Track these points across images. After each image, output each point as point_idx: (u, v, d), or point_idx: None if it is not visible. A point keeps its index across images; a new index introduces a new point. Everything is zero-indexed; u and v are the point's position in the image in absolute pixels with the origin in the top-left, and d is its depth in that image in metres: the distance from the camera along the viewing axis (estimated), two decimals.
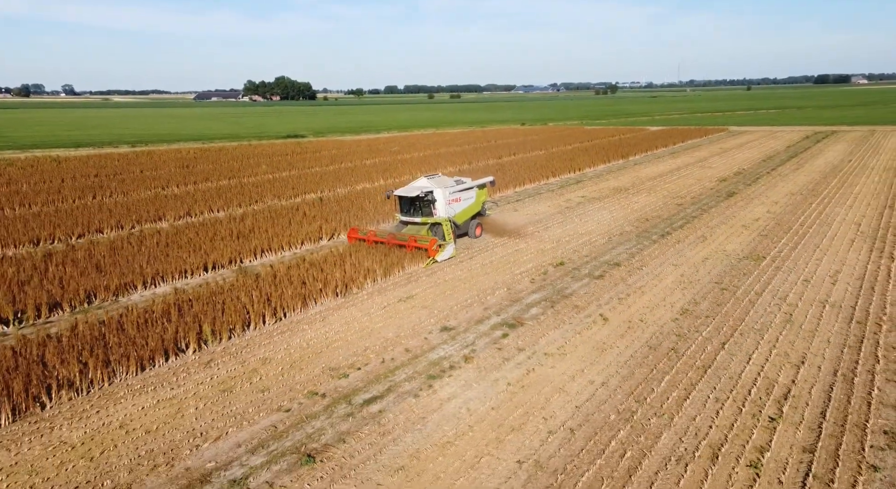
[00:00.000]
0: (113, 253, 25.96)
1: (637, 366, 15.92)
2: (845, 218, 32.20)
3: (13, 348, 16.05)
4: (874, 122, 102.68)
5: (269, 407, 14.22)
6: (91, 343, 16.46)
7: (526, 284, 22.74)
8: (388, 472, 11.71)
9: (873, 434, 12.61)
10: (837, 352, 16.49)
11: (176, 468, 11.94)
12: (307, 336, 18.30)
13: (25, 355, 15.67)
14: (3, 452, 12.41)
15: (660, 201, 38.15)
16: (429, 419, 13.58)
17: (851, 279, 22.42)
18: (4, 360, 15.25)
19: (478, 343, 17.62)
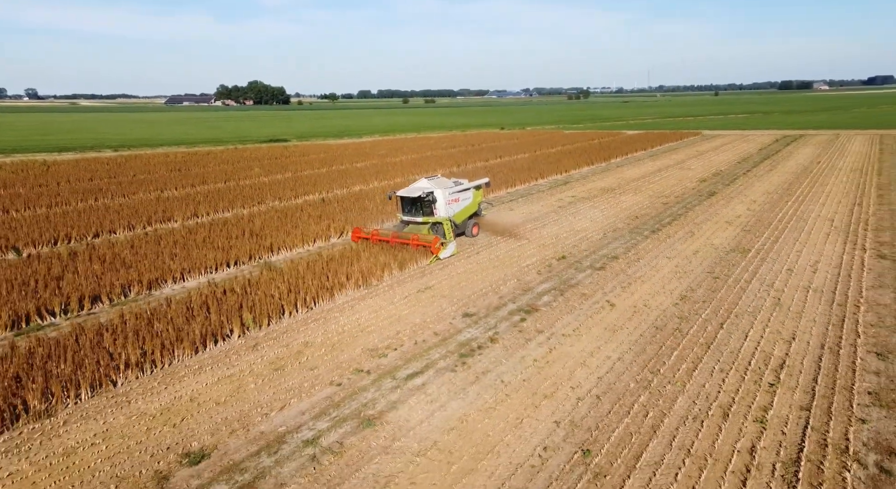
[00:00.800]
0: (134, 251, 27.02)
1: (647, 344, 17.68)
2: (819, 214, 34.53)
3: (73, 334, 17.22)
4: (838, 126, 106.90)
5: (322, 382, 15.66)
6: (143, 329, 17.68)
7: (534, 276, 24.42)
8: (442, 432, 13.25)
9: (859, 394, 14.50)
10: (823, 329, 18.44)
11: (252, 432, 13.34)
12: (340, 322, 19.73)
13: (85, 340, 16.86)
14: (92, 422, 13.68)
15: (646, 200, 40.21)
16: (469, 390, 15.15)
17: (830, 268, 24.53)
18: (70, 344, 16.43)
19: (499, 326, 19.23)
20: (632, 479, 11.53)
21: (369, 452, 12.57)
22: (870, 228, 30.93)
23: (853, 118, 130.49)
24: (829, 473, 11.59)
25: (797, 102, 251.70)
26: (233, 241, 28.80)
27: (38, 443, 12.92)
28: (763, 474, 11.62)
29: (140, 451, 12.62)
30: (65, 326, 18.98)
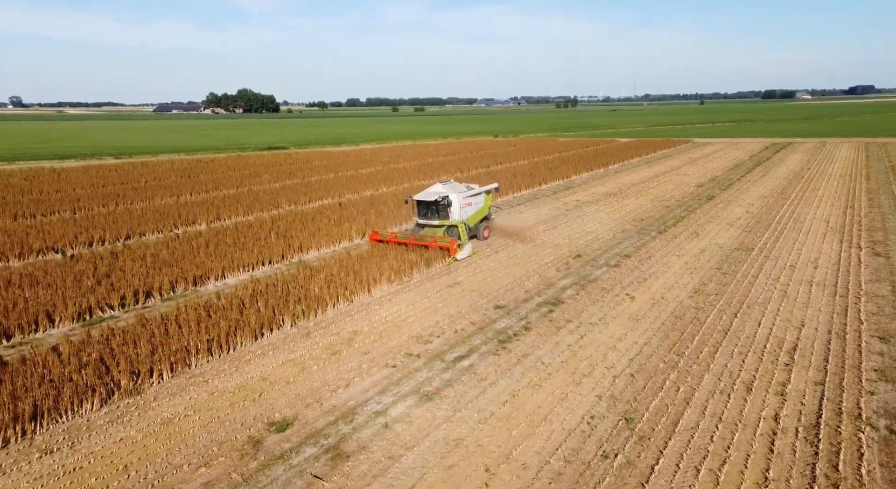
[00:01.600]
0: (171, 251, 28.31)
1: (669, 331, 19.27)
2: (815, 216, 36.42)
3: (140, 324, 18.56)
4: (823, 134, 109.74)
5: (377, 364, 17.10)
6: (203, 319, 19.04)
7: (553, 272, 25.99)
8: (496, 405, 14.74)
9: (867, 371, 16.15)
10: (829, 317, 20.13)
11: (325, 405, 14.76)
12: (381, 314, 21.18)
13: (153, 329, 18.20)
14: (178, 397, 15.06)
15: (648, 204, 41.98)
16: (514, 370, 16.66)
17: (829, 264, 26.29)
18: (140, 332, 17.78)
19: (530, 316, 20.76)
20: (673, 441, 13.06)
21: (434, 421, 14.03)
22: (863, 228, 32.80)
23: (838, 126, 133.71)
24: (846, 435, 13.18)
25: (781, 111, 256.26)
26: (262, 242, 30.13)
27: (136, 414, 14.27)
28: (788, 436, 13.19)
29: (230, 421, 14.01)
30: (126, 318, 20.29)
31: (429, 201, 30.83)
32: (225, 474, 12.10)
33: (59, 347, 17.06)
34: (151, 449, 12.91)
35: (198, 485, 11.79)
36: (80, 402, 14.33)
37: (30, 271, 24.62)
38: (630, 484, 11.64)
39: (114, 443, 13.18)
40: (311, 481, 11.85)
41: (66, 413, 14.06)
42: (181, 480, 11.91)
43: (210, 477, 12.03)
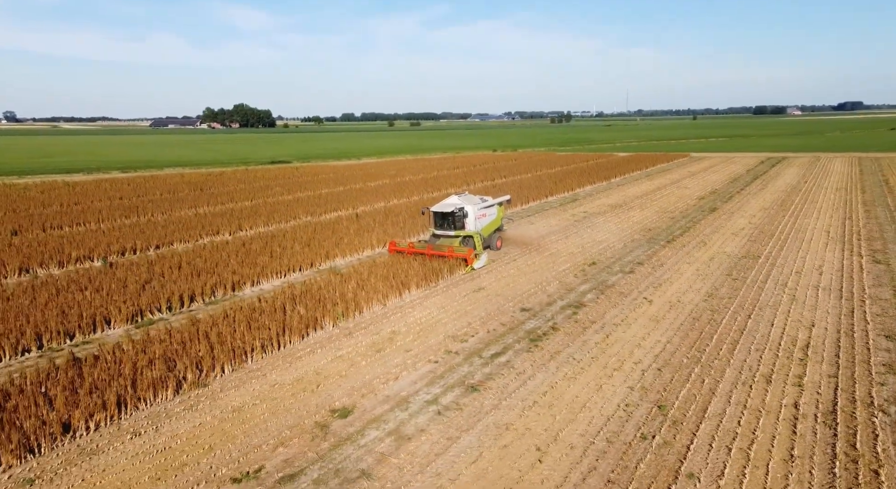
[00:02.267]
0: (204, 259, 29.51)
1: (689, 331, 20.61)
2: (815, 227, 37.97)
3: (193, 325, 19.77)
4: (816, 149, 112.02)
5: (420, 360, 18.36)
6: (251, 321, 20.27)
7: (572, 278, 27.34)
8: (537, 395, 16.01)
9: (876, 366, 17.51)
10: (836, 318, 21.53)
11: (379, 395, 16.00)
12: (415, 316, 22.45)
13: (205, 329, 19.42)
14: (243, 389, 16.29)
15: (654, 215, 43.48)
16: (548, 365, 17.94)
17: (833, 271, 27.75)
18: (193, 333, 18.99)
19: (556, 318, 22.07)
20: (703, 425, 14.35)
21: (483, 408, 15.29)
22: (863, 238, 34.34)
23: (830, 142, 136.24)
24: (861, 419, 14.51)
25: (773, 127, 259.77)
26: (289, 250, 31.39)
27: (208, 403, 15.48)
28: (808, 420, 14.51)
29: (295, 409, 15.23)
30: (175, 320, 21.50)
31: (445, 212, 32.00)
32: (301, 453, 13.32)
33: (122, 345, 18.24)
34: (230, 432, 14.11)
35: (279, 461, 13.00)
36: (154, 393, 15.51)
37: (74, 278, 25.79)
38: (669, 461, 12.91)
39: (194, 427, 14.38)
40: (381, 458, 13.07)
41: (144, 401, 15.24)
42: (263, 458, 13.12)
43: (288, 455, 13.24)
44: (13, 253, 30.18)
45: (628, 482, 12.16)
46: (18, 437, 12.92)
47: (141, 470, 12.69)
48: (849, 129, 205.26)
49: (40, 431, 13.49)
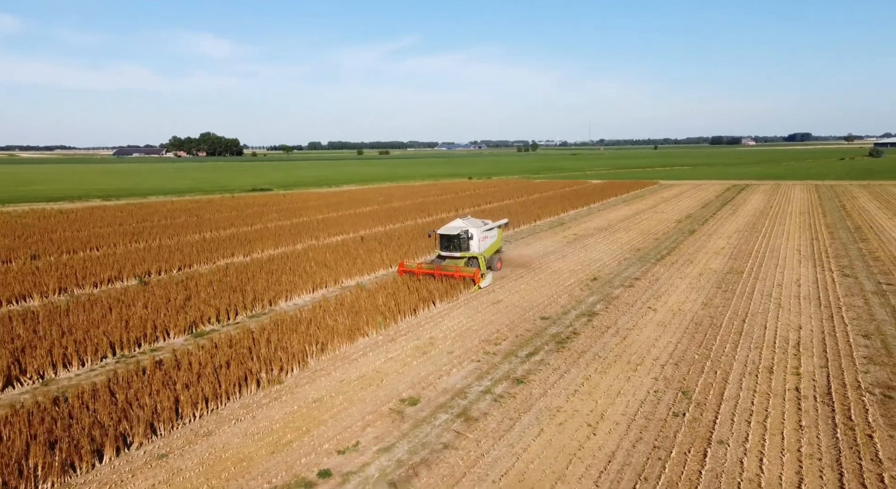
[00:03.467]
0: (231, 278, 31.34)
1: (694, 333, 23.29)
2: (787, 246, 41.43)
3: (248, 334, 21.74)
4: (775, 177, 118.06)
5: (463, 360, 20.62)
6: (300, 330, 22.30)
7: (579, 292, 29.95)
8: (576, 385, 18.40)
9: (858, 358, 20.35)
10: (819, 322, 24.47)
11: (437, 388, 18.21)
12: (448, 324, 24.72)
13: (260, 337, 21.41)
14: (315, 384, 18.37)
15: (639, 237, 46.61)
16: (579, 362, 20.37)
17: (809, 283, 30.90)
18: (256, 339, 20.98)
19: (574, 325, 24.58)
20: (723, 405, 16.89)
21: (532, 396, 17.61)
22: (831, 256, 37.80)
23: (787, 170, 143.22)
24: (853, 398, 17.23)
25: (732, 156, 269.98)
26: (307, 270, 33.37)
27: (289, 396, 17.51)
28: (808, 400, 17.17)
29: (368, 399, 17.35)
30: (226, 330, 23.41)
31: (451, 235, 34.27)
32: (387, 432, 15.45)
33: (192, 351, 20.11)
34: (318, 417, 16.17)
35: (370, 438, 15.11)
36: (240, 388, 17.47)
37: (116, 296, 27.43)
38: (700, 432, 15.38)
39: (285, 414, 16.40)
40: (458, 434, 15.28)
41: (232, 395, 17.19)
42: (355, 436, 15.21)
43: (377, 433, 15.36)
44: (46, 275, 31.58)
45: (670, 448, 14.58)
46: (146, 420, 14.78)
47: (255, 446, 14.67)
48: (802, 159, 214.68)
49: (155, 417, 15.35)
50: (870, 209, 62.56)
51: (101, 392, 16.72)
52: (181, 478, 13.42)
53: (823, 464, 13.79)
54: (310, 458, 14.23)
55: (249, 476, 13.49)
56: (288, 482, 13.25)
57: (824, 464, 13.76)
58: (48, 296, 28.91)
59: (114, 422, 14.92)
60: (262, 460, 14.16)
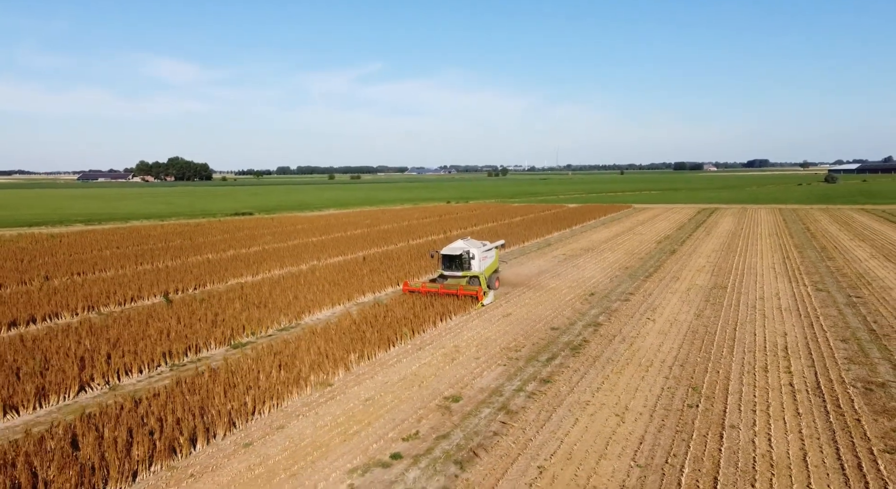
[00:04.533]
0: (253, 296, 32.98)
1: (693, 340, 25.74)
2: (762, 264, 44.54)
3: (288, 344, 23.53)
4: (740, 201, 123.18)
5: (491, 364, 22.70)
6: (336, 340, 24.15)
7: (580, 305, 32.30)
8: (598, 383, 20.59)
9: (839, 359, 22.96)
10: (801, 329, 27.15)
11: (474, 387, 20.24)
12: (468, 334, 26.78)
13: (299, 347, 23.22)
14: (361, 386, 20.23)
15: (624, 257, 49.38)
16: (595, 365, 22.60)
17: (787, 297, 33.76)
18: (296, 348, 22.79)
19: (583, 333, 26.85)
20: (730, 398, 19.25)
21: (561, 393, 19.76)
22: (803, 273, 40.91)
23: (750, 195, 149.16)
24: (839, 390, 19.74)
25: (696, 181, 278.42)
26: (326, 288, 35.15)
27: (342, 396, 19.41)
28: (802, 393, 19.62)
29: (415, 397, 19.31)
30: (262, 342, 25.13)
31: (454, 255, 36.33)
32: (440, 423, 17.42)
33: (240, 359, 21.83)
34: (374, 413, 18.08)
35: (427, 428, 17.07)
36: (298, 389, 19.28)
37: (146, 313, 28.91)
38: (714, 419, 17.67)
39: (344, 410, 18.27)
40: (503, 425, 17.32)
41: (290, 396, 18.99)
42: (413, 427, 17.15)
43: (431, 425, 17.32)
44: (69, 294, 32.83)
45: (691, 431, 16.84)
46: (226, 415, 16.52)
47: (328, 436, 16.52)
48: (763, 184, 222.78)
49: (233, 413, 17.08)
50: (832, 231, 66.53)
51: (174, 393, 18.37)
52: (271, 461, 15.20)
53: (822, 441, 16.17)
54: (379, 444, 16.12)
55: (331, 458, 15.34)
56: (366, 462, 15.13)
57: (822, 442, 16.13)
58: (78, 313, 30.17)
59: (196, 417, 16.59)
60: (337, 446, 16.01)
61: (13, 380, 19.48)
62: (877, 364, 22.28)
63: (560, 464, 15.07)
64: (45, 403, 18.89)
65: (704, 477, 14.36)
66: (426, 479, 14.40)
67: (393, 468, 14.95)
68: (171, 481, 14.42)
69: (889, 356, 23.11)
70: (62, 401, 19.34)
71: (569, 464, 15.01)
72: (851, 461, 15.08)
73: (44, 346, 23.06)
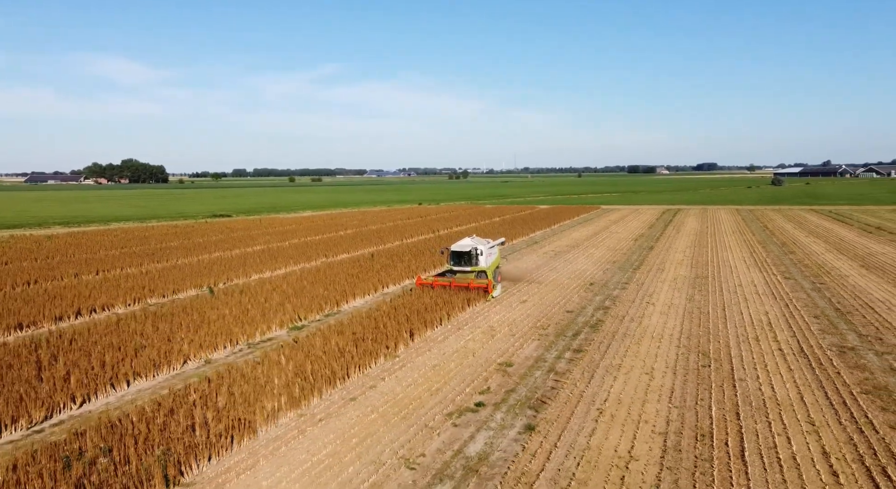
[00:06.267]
0: (287, 287, 35.93)
1: (691, 319, 29.90)
2: (734, 257, 49.41)
3: (347, 325, 26.78)
4: (699, 202, 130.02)
5: (527, 339, 26.38)
6: (388, 321, 27.50)
7: (584, 293, 36.28)
8: (623, 350, 24.46)
9: (815, 331, 27.37)
10: (779, 308, 31.63)
11: (520, 357, 23.89)
12: (496, 317, 30.42)
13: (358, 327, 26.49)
14: (423, 357, 23.69)
15: (608, 253, 53.73)
16: (615, 338, 26.51)
17: (761, 283, 38.41)
18: (361, 327, 26.07)
19: (596, 315, 30.78)
20: (733, 360, 23.33)
21: (594, 359, 23.55)
22: (770, 264, 45.84)
23: (706, 197, 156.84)
24: (819, 353, 24.05)
25: (652, 184, 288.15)
26: (349, 280, 38.28)
27: (409, 365, 22.85)
28: (790, 356, 23.85)
29: (475, 364, 22.86)
30: (317, 325, 28.30)
31: (463, 251, 39.68)
32: (504, 382, 21.01)
33: (309, 338, 25.00)
34: (445, 375, 21.57)
35: (495, 385, 20.64)
36: (374, 359, 22.63)
37: (195, 303, 31.64)
38: (724, 374, 21.69)
39: (419, 374, 21.69)
40: (557, 381, 21.01)
41: (367, 366, 22.33)
42: (483, 385, 20.68)
43: (498, 383, 20.90)
44: (111, 288, 35.25)
45: (710, 383, 20.82)
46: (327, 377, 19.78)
47: (416, 392, 19.96)
48: (715, 187, 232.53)
49: (332, 376, 20.35)
50: (787, 229, 72.44)
51: (268, 362, 21.48)
52: (380, 409, 18.57)
53: (812, 387, 20.33)
54: (461, 397, 19.64)
55: (427, 407, 18.79)
56: (458, 408, 18.64)
57: (813, 388, 20.29)
58: (131, 305, 32.69)
59: (303, 380, 19.80)
60: (427, 399, 19.46)
61: (131, 356, 22.25)
62: (845, 334, 26.74)
63: (613, 407, 18.83)
64: (158, 373, 21.74)
65: (729, 413, 18.30)
66: (511, 419, 17.98)
67: (480, 412, 18.48)
68: (306, 424, 17.66)
69: (854, 328, 27.62)
70: (173, 371, 22.23)
71: (621, 407, 18.79)
72: (837, 399, 19.24)
73: (131, 329, 25.75)
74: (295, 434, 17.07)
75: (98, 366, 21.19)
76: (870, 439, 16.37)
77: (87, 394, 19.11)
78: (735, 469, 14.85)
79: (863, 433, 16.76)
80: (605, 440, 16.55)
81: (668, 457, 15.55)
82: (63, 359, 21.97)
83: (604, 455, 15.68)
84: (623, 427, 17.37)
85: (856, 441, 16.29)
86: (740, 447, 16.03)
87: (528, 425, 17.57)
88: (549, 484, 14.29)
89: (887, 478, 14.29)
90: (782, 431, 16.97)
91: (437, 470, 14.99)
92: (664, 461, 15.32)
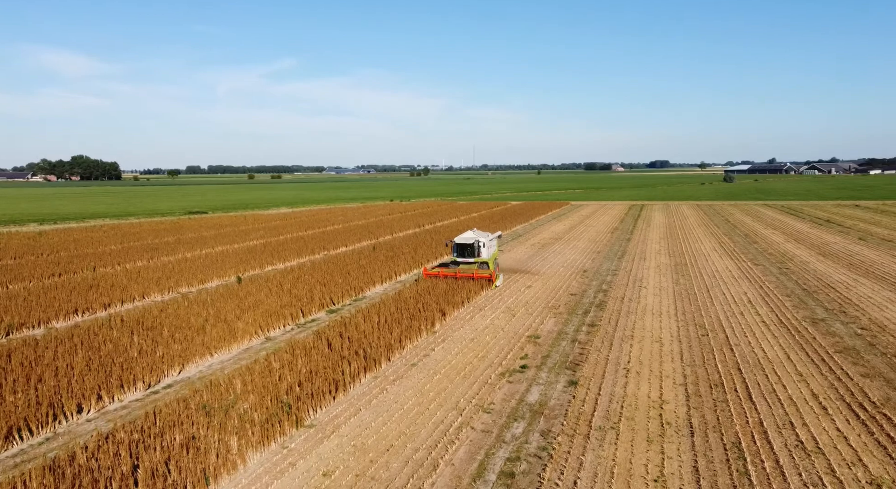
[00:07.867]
0: (308, 276, 38.59)
1: (682, 298, 33.79)
2: (705, 248, 53.89)
3: (368, 311, 29.79)
4: (659, 198, 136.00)
5: (545, 317, 29.81)
6: (414, 304, 30.58)
7: (581, 279, 39.95)
8: (631, 324, 28.11)
9: (790, 306, 31.54)
10: (756, 290, 35.82)
11: (544, 330, 27.30)
12: (510, 299, 33.77)
13: (392, 310, 29.52)
14: (459, 332, 26.90)
15: (590, 244, 57.71)
16: (621, 314, 30.16)
17: (735, 269, 42.74)
18: (396, 307, 29.12)
19: (598, 296, 34.44)
20: (727, 330, 27.17)
21: (608, 331, 27.12)
22: (739, 253, 50.39)
23: (665, 193, 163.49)
24: (796, 323, 28.11)
25: (610, 181, 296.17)
26: (362, 270, 41.13)
27: (450, 337, 26.01)
28: (772, 326, 27.84)
29: (508, 336, 26.19)
30: (349, 309, 31.20)
31: (466, 244, 42.60)
32: (537, 350, 24.38)
33: (350, 318, 27.93)
34: (485, 346, 24.82)
35: (531, 351, 24.00)
36: (419, 333, 25.73)
37: (229, 291, 34.12)
38: (721, 340, 25.50)
39: (461, 346, 24.89)
40: (582, 349, 24.48)
41: (412, 340, 25.41)
42: (520, 353, 24.02)
43: (532, 351, 24.25)
44: (142, 279, 37.38)
45: (711, 347, 24.58)
46: (385, 347, 22.82)
47: (466, 358, 23.18)
48: (671, 184, 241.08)
49: (389, 347, 23.39)
50: (748, 222, 77.74)
51: (326, 340, 24.37)
52: (442, 371, 21.74)
53: (795, 349, 24.27)
54: (507, 360, 22.94)
55: (480, 369, 22.04)
56: (507, 369, 21.94)
57: (796, 349, 24.23)
58: (167, 293, 34.95)
59: (364, 348, 22.79)
60: (478, 364, 22.70)
61: (200, 334, 24.82)
62: (814, 308, 30.95)
63: (637, 366, 22.40)
64: (229, 349, 24.39)
65: (732, 369, 22.04)
66: (554, 377, 21.36)
67: (527, 373, 21.81)
68: (380, 386, 20.70)
69: (821, 304, 31.87)
70: (240, 346, 24.91)
71: (643, 366, 22.37)
72: (816, 357, 23.20)
73: (181, 314, 28.22)
74: (378, 391, 20.11)
75: (175, 342, 23.73)
76: (847, 384, 20.25)
77: (182, 363, 21.71)
78: (746, 407, 18.51)
79: (841, 380, 20.64)
80: (637, 390, 20.07)
81: (691, 400, 19.15)
82: (139, 336, 24.41)
83: (640, 400, 19.18)
84: (649, 381, 20.92)
85: (836, 386, 20.15)
86: (747, 392, 19.72)
87: (570, 380, 20.97)
88: (603, 420, 17.70)
89: (865, 410, 18.13)
90: (777, 380, 20.75)
91: (509, 413, 18.26)
92: (689, 403, 18.91)
